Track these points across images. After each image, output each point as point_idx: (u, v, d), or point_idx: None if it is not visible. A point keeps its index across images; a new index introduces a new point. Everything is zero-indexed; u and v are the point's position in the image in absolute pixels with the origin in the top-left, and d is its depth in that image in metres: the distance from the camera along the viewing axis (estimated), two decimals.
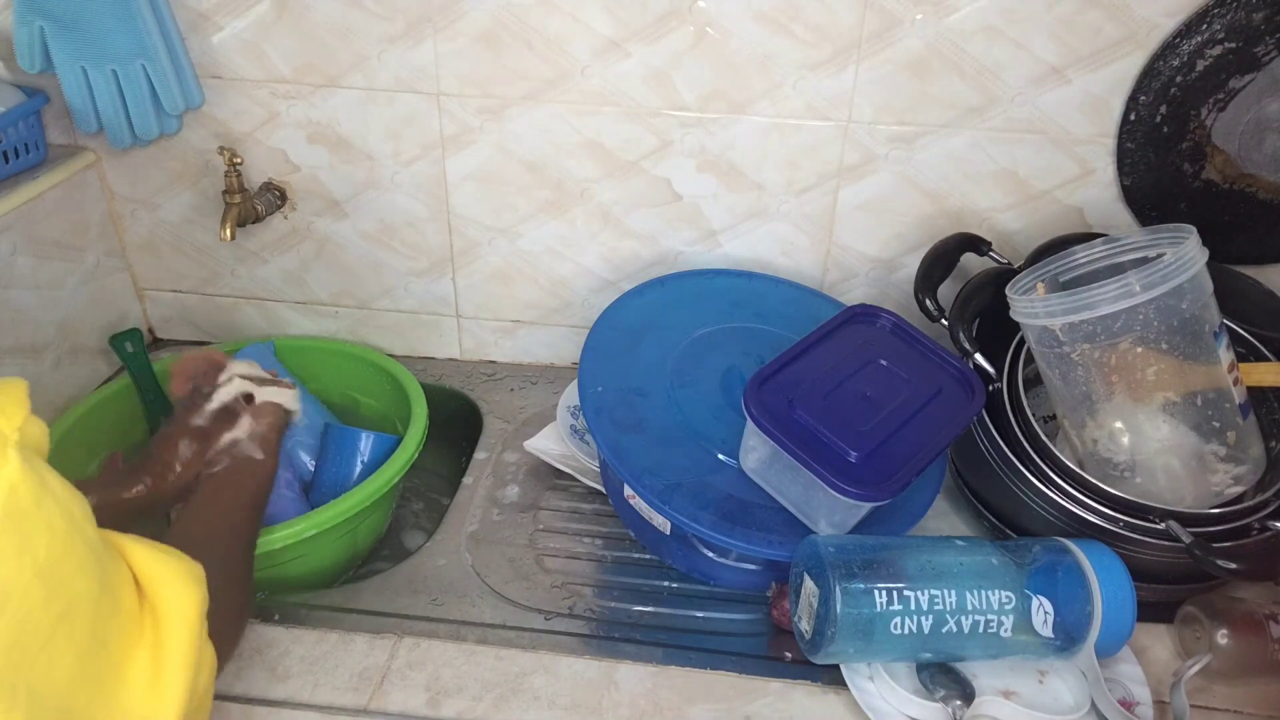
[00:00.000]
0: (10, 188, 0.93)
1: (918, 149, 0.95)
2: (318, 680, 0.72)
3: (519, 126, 0.98)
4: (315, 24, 0.94)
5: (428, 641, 0.76)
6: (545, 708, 0.71)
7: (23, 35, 0.89)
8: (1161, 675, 0.75)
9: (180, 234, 1.09)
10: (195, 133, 1.02)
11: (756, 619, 0.81)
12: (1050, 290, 0.79)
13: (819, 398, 0.76)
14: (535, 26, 0.92)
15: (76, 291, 1.02)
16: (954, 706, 0.69)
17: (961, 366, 0.81)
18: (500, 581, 0.84)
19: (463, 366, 1.15)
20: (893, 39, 0.89)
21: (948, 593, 0.69)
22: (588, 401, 0.82)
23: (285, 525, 0.79)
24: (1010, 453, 0.80)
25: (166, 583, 0.51)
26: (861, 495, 0.69)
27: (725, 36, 0.91)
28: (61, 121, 1.02)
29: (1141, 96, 0.89)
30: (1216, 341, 0.75)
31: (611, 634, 0.79)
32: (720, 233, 1.03)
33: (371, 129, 1.00)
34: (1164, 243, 0.76)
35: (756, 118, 0.95)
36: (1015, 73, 0.90)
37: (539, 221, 1.04)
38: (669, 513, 0.75)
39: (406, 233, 1.06)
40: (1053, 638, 0.70)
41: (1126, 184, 0.94)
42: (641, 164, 0.99)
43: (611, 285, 1.07)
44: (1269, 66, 0.86)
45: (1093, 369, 0.76)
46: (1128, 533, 0.75)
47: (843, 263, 1.03)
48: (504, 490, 0.95)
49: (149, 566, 0.51)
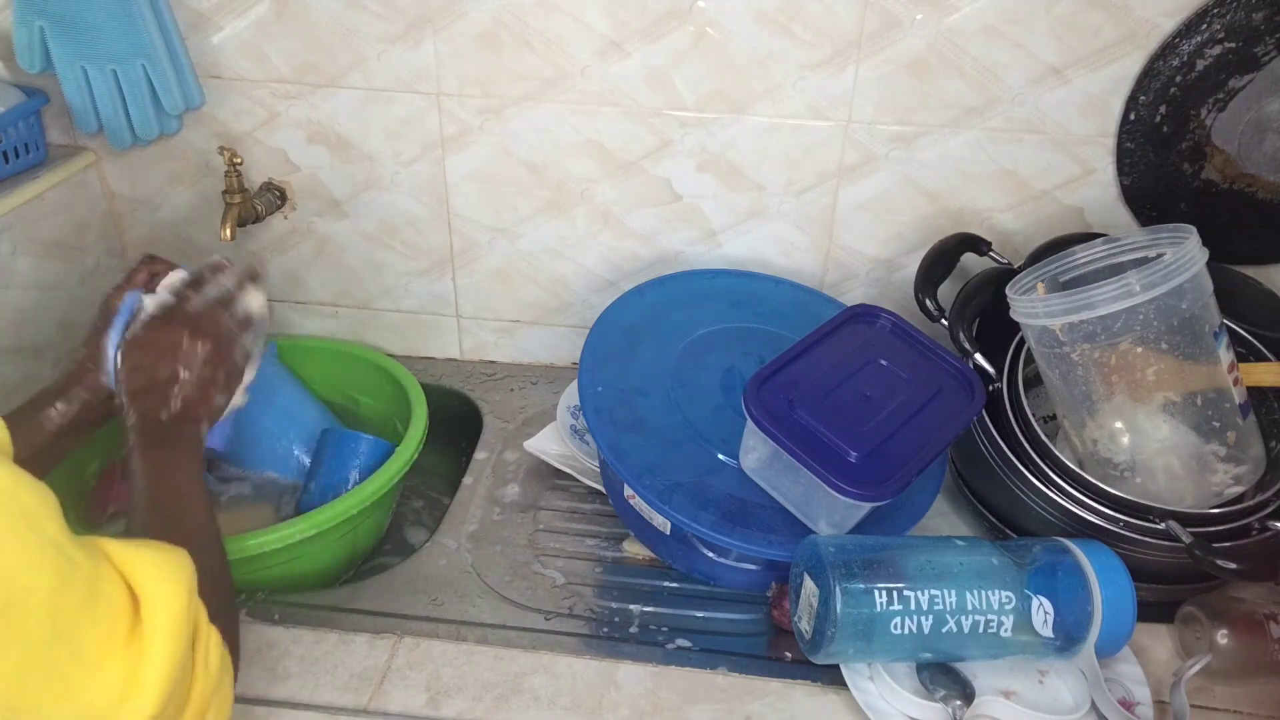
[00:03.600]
0: (10, 188, 0.93)
1: (918, 149, 0.95)
2: (318, 680, 0.72)
3: (519, 126, 0.98)
4: (315, 24, 0.94)
5: (428, 641, 0.76)
6: (545, 708, 0.71)
7: (23, 35, 0.89)
8: (1161, 675, 0.75)
9: (180, 234, 1.09)
10: (195, 133, 1.02)
11: (756, 619, 0.81)
12: (1050, 290, 0.79)
13: (819, 398, 0.76)
14: (535, 26, 0.92)
15: (76, 291, 1.02)
16: (954, 706, 0.69)
17: (961, 366, 0.81)
18: (500, 581, 0.84)
19: (463, 366, 1.15)
20: (893, 39, 0.89)
21: (948, 593, 0.69)
22: (588, 401, 0.82)
23: (285, 525, 0.79)
24: (1010, 453, 0.80)
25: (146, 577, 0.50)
26: (861, 495, 0.69)
27: (725, 36, 0.91)
28: (61, 121, 1.02)
29: (1141, 96, 0.89)
30: (1216, 341, 0.75)
31: (611, 634, 0.79)
32: (720, 233, 1.03)
33: (371, 129, 1.00)
34: (1164, 243, 0.76)
35: (756, 118, 0.95)
36: (1015, 73, 0.90)
37: (539, 221, 1.04)
38: (669, 513, 0.75)
39: (406, 233, 1.06)
40: (1053, 638, 0.70)
41: (1126, 184, 0.94)
42: (641, 164, 0.99)
43: (611, 285, 1.07)
44: (1269, 66, 0.86)
45: (1093, 369, 0.76)
46: (1128, 533, 0.75)
47: (843, 263, 1.03)
48: (504, 490, 0.95)
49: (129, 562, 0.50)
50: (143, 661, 0.48)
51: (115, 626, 0.48)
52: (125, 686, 0.47)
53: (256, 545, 0.77)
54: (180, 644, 0.50)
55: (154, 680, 0.48)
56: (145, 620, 0.49)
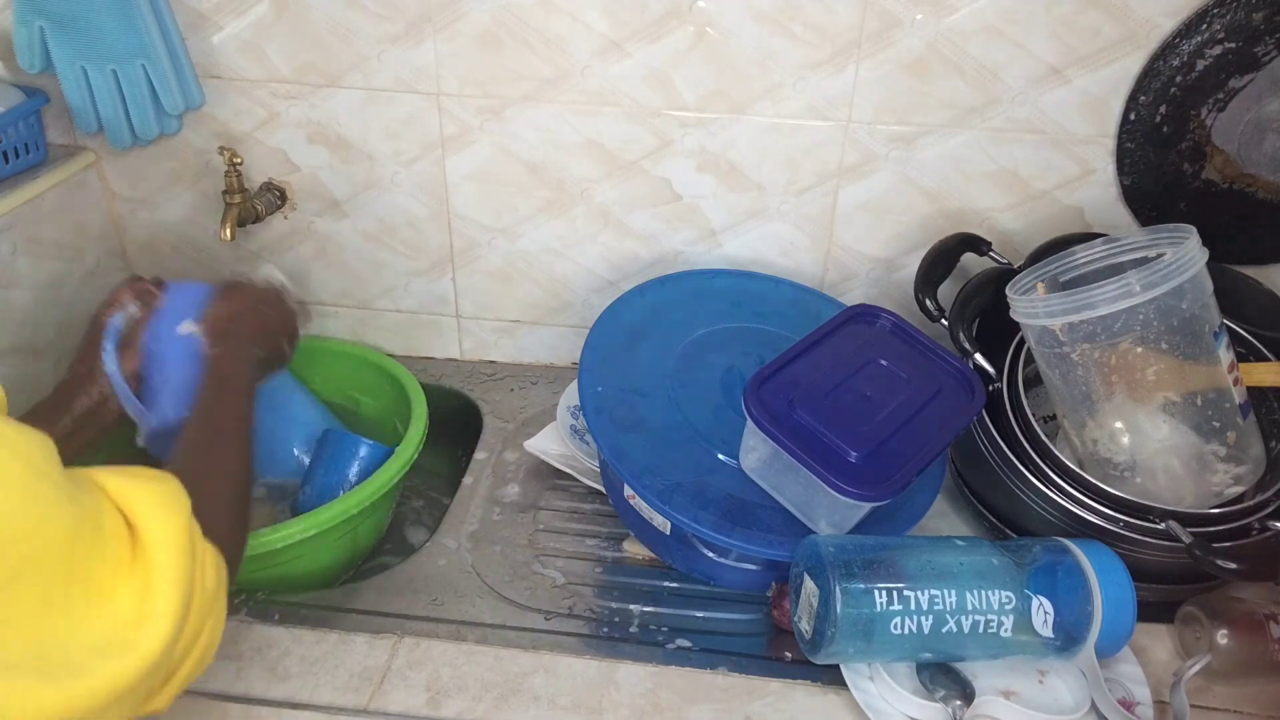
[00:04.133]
0: (10, 188, 0.93)
1: (918, 149, 0.95)
2: (318, 680, 0.72)
3: (519, 126, 0.98)
4: (315, 24, 0.94)
5: (428, 641, 0.76)
6: (545, 708, 0.71)
7: (23, 35, 0.89)
8: (1161, 675, 0.75)
9: (180, 234, 1.09)
10: (195, 133, 1.02)
11: (756, 619, 0.81)
12: (1050, 290, 0.79)
13: (819, 398, 0.76)
14: (535, 26, 0.92)
15: (76, 291, 1.02)
16: (954, 706, 0.69)
17: (961, 366, 0.81)
18: (500, 581, 0.84)
19: (463, 366, 1.15)
20: (893, 39, 0.89)
21: (948, 593, 0.69)
22: (588, 401, 0.82)
23: (286, 525, 0.79)
24: (1010, 453, 0.80)
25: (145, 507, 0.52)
26: (861, 495, 0.69)
27: (725, 36, 0.91)
28: (61, 121, 1.02)
29: (1141, 96, 0.89)
30: (1216, 341, 0.75)
31: (611, 634, 0.79)
32: (720, 233, 1.03)
33: (371, 129, 1.00)
34: (1164, 243, 0.76)
35: (756, 118, 0.95)
36: (1015, 73, 0.90)
37: (539, 221, 1.04)
38: (669, 513, 0.75)
39: (406, 233, 1.06)
40: (1053, 638, 0.70)
41: (1126, 184, 0.94)
42: (641, 164, 0.99)
43: (611, 285, 1.07)
44: (1269, 66, 0.86)
45: (1093, 369, 0.76)
46: (1128, 533, 0.75)
47: (843, 263, 1.03)
48: (504, 490, 0.95)
49: (124, 495, 0.52)
50: (150, 585, 0.50)
51: (120, 556, 0.50)
52: (138, 610, 0.49)
53: (257, 545, 0.77)
54: (185, 564, 0.52)
55: (165, 601, 0.50)
56: (147, 546, 0.51)
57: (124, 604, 0.49)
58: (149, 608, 0.50)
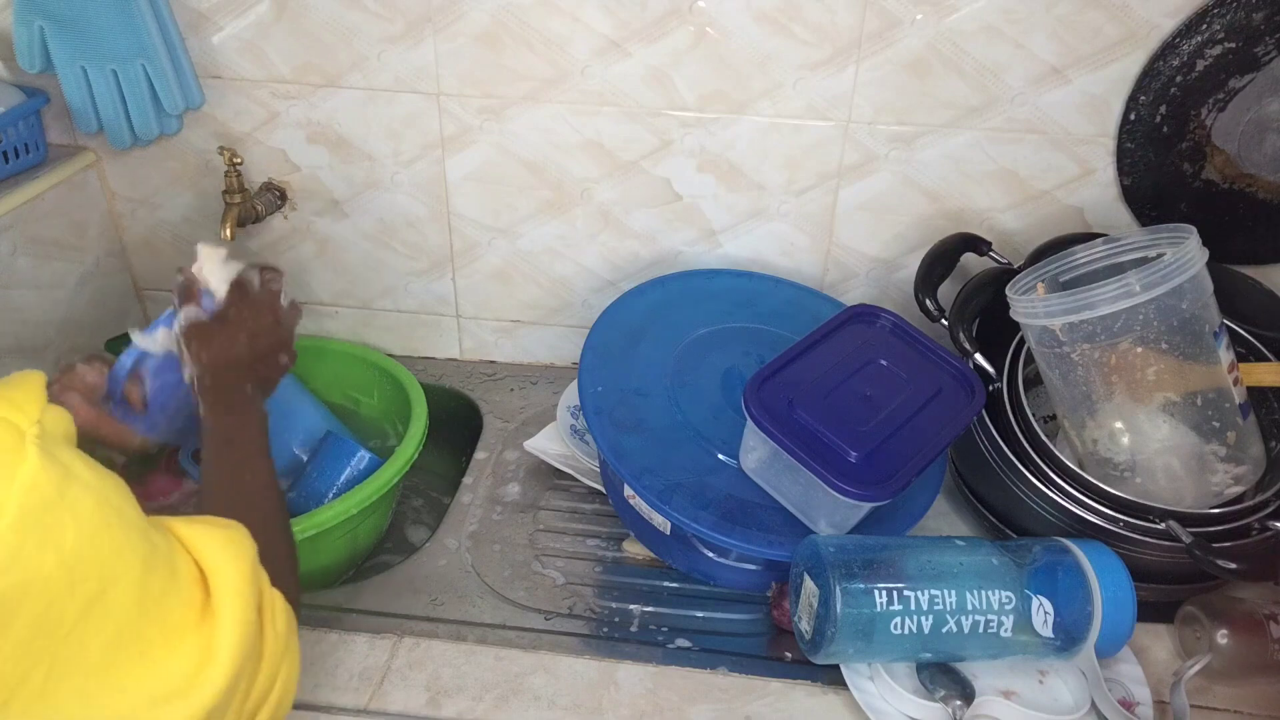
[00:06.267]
0: (10, 188, 0.93)
1: (918, 149, 0.95)
2: (318, 680, 0.72)
3: (519, 126, 0.98)
4: (315, 24, 0.94)
5: (428, 641, 0.76)
6: (545, 708, 0.71)
7: (23, 35, 0.89)
8: (1161, 675, 0.75)
9: (180, 234, 1.09)
10: (195, 133, 1.02)
11: (756, 619, 0.81)
12: (1050, 290, 0.79)
13: (819, 398, 0.76)
14: (535, 26, 0.92)
15: (76, 291, 1.02)
16: (954, 706, 0.69)
17: (961, 366, 0.81)
18: (500, 581, 0.84)
19: (463, 366, 1.15)
20: (893, 39, 0.89)
21: (948, 593, 0.69)
22: (588, 401, 0.82)
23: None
24: (1010, 453, 0.80)
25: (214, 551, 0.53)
26: (861, 495, 0.69)
27: (725, 36, 0.91)
28: (61, 121, 1.02)
29: (1141, 96, 0.89)
30: (1216, 341, 0.75)
31: (611, 634, 0.79)
32: (720, 233, 1.03)
33: (371, 129, 1.00)
34: (1164, 243, 0.76)
35: (756, 118, 0.95)
36: (1015, 73, 0.90)
37: (539, 221, 1.04)
38: (669, 513, 0.76)
39: (406, 233, 1.06)
40: (1053, 638, 0.70)
41: (1126, 184, 0.94)
42: (641, 164, 0.99)
43: (611, 285, 1.07)
44: (1269, 66, 0.86)
45: (1093, 369, 0.76)
46: (1128, 533, 0.75)
47: (843, 263, 1.03)
48: (504, 490, 0.95)
49: (194, 540, 0.53)
50: (215, 633, 0.51)
51: (193, 599, 0.51)
52: (201, 657, 0.50)
53: None
54: (248, 613, 0.52)
55: (226, 650, 0.50)
56: (214, 593, 0.52)
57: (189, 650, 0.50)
58: (209, 655, 0.50)
